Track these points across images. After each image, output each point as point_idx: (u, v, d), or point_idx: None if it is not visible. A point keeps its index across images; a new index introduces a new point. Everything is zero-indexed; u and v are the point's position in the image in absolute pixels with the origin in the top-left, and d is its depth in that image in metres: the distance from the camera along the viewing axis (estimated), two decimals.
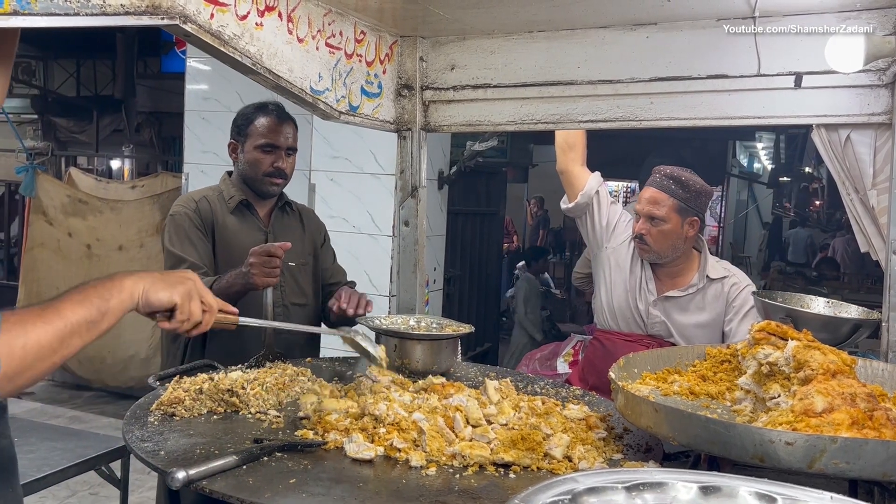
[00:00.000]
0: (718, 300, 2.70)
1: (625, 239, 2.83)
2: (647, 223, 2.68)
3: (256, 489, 1.50)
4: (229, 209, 2.62)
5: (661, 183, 2.70)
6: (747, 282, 2.76)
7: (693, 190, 2.69)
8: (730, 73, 2.30)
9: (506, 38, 2.58)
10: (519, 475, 1.66)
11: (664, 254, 2.71)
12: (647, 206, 2.69)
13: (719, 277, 2.72)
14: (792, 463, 1.42)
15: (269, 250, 2.30)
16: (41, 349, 1.22)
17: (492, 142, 4.99)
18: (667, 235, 2.68)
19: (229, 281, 2.36)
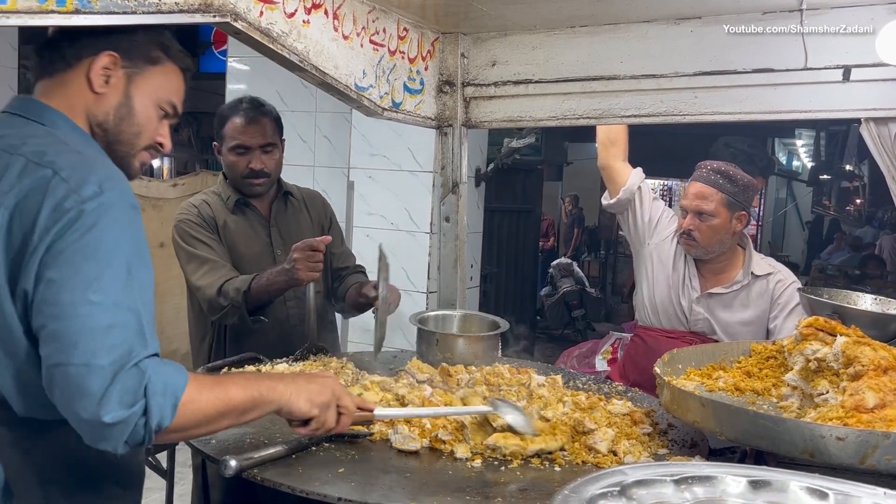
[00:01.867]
0: (763, 297, 2.67)
1: (668, 235, 2.81)
2: (694, 219, 2.65)
3: (306, 477, 1.52)
4: (229, 209, 2.60)
5: (708, 177, 2.67)
6: (793, 278, 2.72)
7: (741, 184, 2.66)
8: (776, 66, 2.27)
9: (548, 34, 2.58)
10: (564, 468, 1.67)
11: (711, 249, 2.68)
12: (694, 202, 2.67)
13: (764, 274, 2.69)
14: (843, 459, 1.41)
15: (312, 244, 2.30)
16: (204, 417, 1.31)
17: (529, 138, 4.99)
18: (715, 230, 2.65)
19: (269, 279, 2.37)
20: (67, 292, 1.20)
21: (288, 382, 1.49)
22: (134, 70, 1.46)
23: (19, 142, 1.32)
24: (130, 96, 1.46)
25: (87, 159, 1.31)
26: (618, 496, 1.26)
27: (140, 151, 1.51)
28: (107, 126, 1.45)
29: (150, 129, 1.50)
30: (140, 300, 1.26)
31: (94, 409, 1.17)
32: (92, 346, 1.18)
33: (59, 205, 1.22)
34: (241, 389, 1.38)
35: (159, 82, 1.49)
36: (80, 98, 1.42)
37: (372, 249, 4.78)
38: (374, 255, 4.76)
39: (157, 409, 1.21)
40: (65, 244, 1.21)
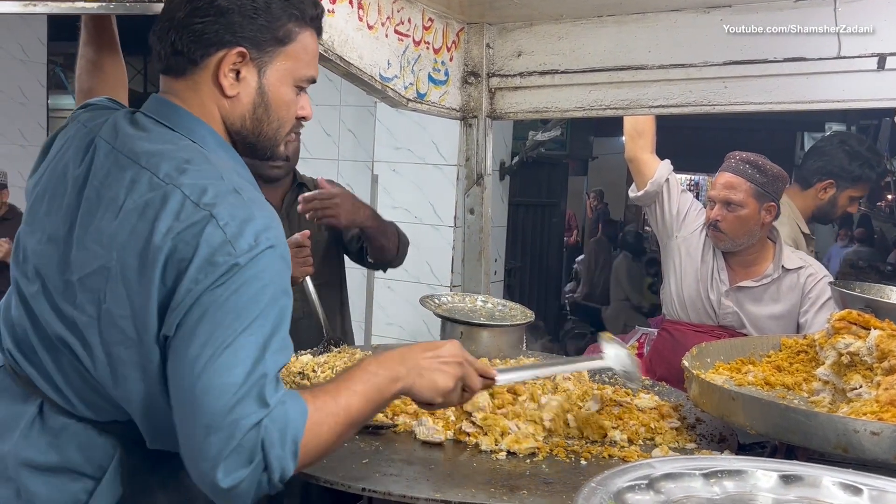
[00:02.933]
0: (794, 291, 2.62)
1: (696, 228, 2.77)
2: (722, 209, 2.61)
3: (330, 468, 1.52)
4: None
5: (737, 167, 2.63)
6: (824, 272, 2.67)
7: (770, 174, 2.61)
8: (808, 55, 2.23)
9: (574, 24, 2.55)
10: (590, 462, 1.65)
11: (740, 241, 2.63)
12: (722, 191, 2.62)
13: (795, 268, 2.64)
14: (878, 454, 1.37)
15: (297, 241, 2.27)
16: (327, 447, 1.24)
17: (555, 131, 4.95)
18: (744, 221, 2.60)
19: None
20: (201, 348, 1.15)
21: (410, 367, 1.35)
22: (263, 59, 1.31)
23: (174, 168, 1.24)
24: (264, 92, 1.33)
25: (245, 203, 1.23)
26: (645, 489, 1.24)
27: (284, 140, 1.42)
28: (245, 132, 1.35)
29: (291, 114, 1.39)
30: (272, 359, 1.18)
31: (212, 474, 1.12)
32: (214, 408, 1.12)
33: (213, 256, 1.17)
34: (360, 398, 1.27)
35: (293, 62, 1.34)
36: (214, 102, 1.32)
37: None
38: None
39: (276, 462, 1.14)
40: (210, 300, 1.16)
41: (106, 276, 1.23)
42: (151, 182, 1.23)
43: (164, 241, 1.18)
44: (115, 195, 1.24)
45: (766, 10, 2.26)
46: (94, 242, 1.24)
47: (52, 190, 1.34)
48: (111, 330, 1.23)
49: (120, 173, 1.25)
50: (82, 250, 1.26)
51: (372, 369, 1.31)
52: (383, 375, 1.31)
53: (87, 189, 1.28)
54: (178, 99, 1.33)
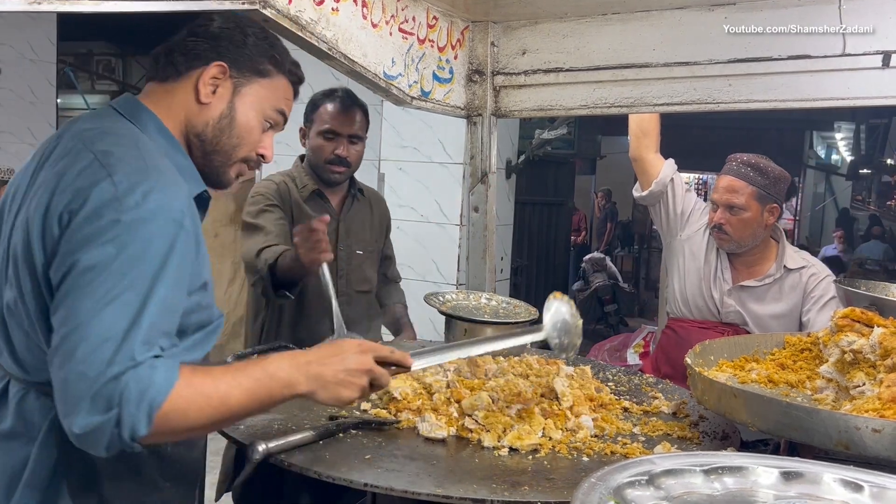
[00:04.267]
0: (796, 291, 2.62)
1: (700, 227, 2.77)
2: (725, 212, 2.61)
3: (333, 463, 1.53)
4: (303, 197, 2.62)
5: (738, 170, 2.63)
6: (827, 272, 2.67)
7: (772, 176, 2.61)
8: (812, 53, 2.22)
9: (578, 22, 2.55)
10: (592, 458, 1.65)
11: (744, 243, 2.64)
12: (725, 195, 2.62)
13: (797, 267, 2.64)
14: (879, 451, 1.37)
15: (309, 226, 2.24)
16: (193, 425, 1.25)
17: (561, 130, 4.95)
18: (747, 224, 2.60)
19: (287, 264, 2.35)
20: (82, 301, 1.19)
21: (312, 377, 1.37)
22: (241, 80, 1.44)
23: (98, 137, 1.32)
24: (234, 107, 1.44)
25: (148, 169, 1.29)
26: (646, 485, 1.24)
27: (237, 163, 1.49)
28: (204, 137, 1.44)
29: (251, 140, 1.47)
30: (150, 319, 1.21)
31: (69, 418, 1.17)
32: (86, 357, 1.16)
33: (99, 210, 1.22)
34: (243, 393, 1.29)
35: (266, 94, 1.47)
36: (183, 107, 1.43)
37: (403, 241, 4.80)
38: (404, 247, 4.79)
39: (128, 419, 1.16)
40: (93, 253, 1.20)
41: (25, 228, 1.29)
42: (75, 149, 1.31)
43: (63, 193, 1.25)
44: (52, 167, 1.32)
45: (771, 8, 2.26)
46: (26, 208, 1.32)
47: (19, 178, 1.41)
48: (26, 282, 1.29)
49: (63, 150, 1.33)
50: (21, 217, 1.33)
51: (270, 370, 1.34)
52: (279, 380, 1.34)
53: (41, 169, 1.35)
54: (147, 98, 1.45)
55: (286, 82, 1.51)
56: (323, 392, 1.38)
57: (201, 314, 1.40)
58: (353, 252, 2.68)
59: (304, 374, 1.36)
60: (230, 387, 1.28)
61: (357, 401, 1.45)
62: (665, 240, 2.92)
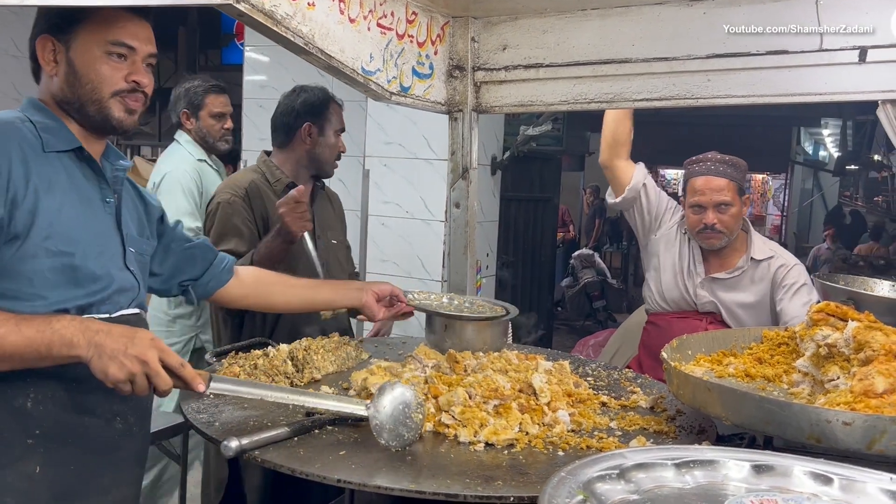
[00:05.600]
0: (764, 281, 2.69)
1: (673, 224, 2.85)
2: (715, 212, 2.66)
3: (307, 459, 1.52)
4: (276, 192, 2.63)
5: (717, 169, 2.70)
6: (795, 261, 2.76)
7: (741, 168, 2.73)
8: (790, 48, 2.23)
9: (558, 17, 2.55)
10: (568, 453, 1.65)
11: (732, 236, 2.71)
12: (713, 195, 2.67)
13: (765, 258, 2.71)
14: (850, 444, 1.38)
15: (293, 196, 2.37)
16: None
17: (545, 126, 4.94)
18: (735, 218, 2.69)
19: (268, 245, 2.41)
20: None
21: (94, 344, 1.39)
22: (67, 38, 1.55)
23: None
24: (71, 62, 1.55)
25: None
26: (616, 479, 1.25)
27: (110, 100, 1.57)
28: (67, 99, 1.57)
29: (103, 75, 1.56)
30: None
31: None
32: None
33: None
34: (20, 338, 1.37)
35: (91, 34, 1.55)
36: (46, 84, 1.60)
37: (387, 238, 4.79)
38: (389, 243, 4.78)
39: None
40: None
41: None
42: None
43: None
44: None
45: (749, 4, 2.26)
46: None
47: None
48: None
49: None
50: None
51: (56, 326, 1.40)
52: (61, 336, 1.39)
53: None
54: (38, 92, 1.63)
55: (108, 13, 1.55)
56: (97, 361, 1.39)
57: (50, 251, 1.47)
58: (329, 241, 2.70)
59: (87, 339, 1.40)
60: (10, 329, 1.36)
61: (123, 388, 1.41)
62: (641, 241, 2.98)
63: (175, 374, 1.46)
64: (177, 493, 2.96)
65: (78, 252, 1.51)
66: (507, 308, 2.45)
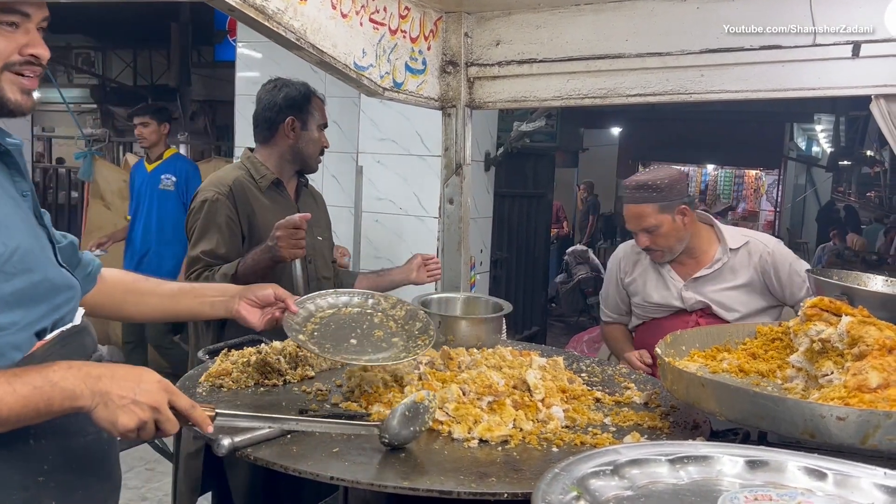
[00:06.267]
0: (748, 265, 2.70)
1: (636, 259, 2.86)
2: (644, 236, 2.70)
3: (300, 457, 1.51)
4: (261, 189, 2.62)
5: (633, 196, 2.69)
6: (769, 239, 2.79)
7: (663, 186, 2.65)
8: (784, 43, 2.23)
9: (552, 12, 2.54)
10: (562, 449, 1.65)
11: (676, 249, 2.72)
12: (635, 223, 2.71)
13: (741, 245, 2.72)
14: (844, 439, 1.38)
15: (294, 222, 2.31)
16: None
17: (539, 122, 4.94)
18: (668, 236, 2.68)
19: (255, 259, 2.38)
20: None
21: (98, 393, 1.28)
22: None
23: None
24: None
25: None
26: (610, 475, 1.24)
27: (2, 76, 1.34)
28: None
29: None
30: None
31: None
32: None
33: None
34: (16, 399, 1.21)
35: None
36: None
37: (381, 234, 4.77)
38: (382, 239, 4.76)
39: None
40: None
41: None
42: None
43: None
44: None
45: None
46: None
47: None
48: None
49: None
50: None
51: (54, 378, 1.25)
52: (61, 389, 1.25)
53: None
54: None
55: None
56: (103, 410, 1.28)
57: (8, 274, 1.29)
58: (316, 238, 2.69)
59: (91, 388, 1.27)
60: (3, 393, 1.20)
61: (133, 435, 1.31)
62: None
63: (183, 416, 1.38)
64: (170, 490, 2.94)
65: (36, 265, 1.36)
66: (503, 305, 2.45)
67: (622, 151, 15.87)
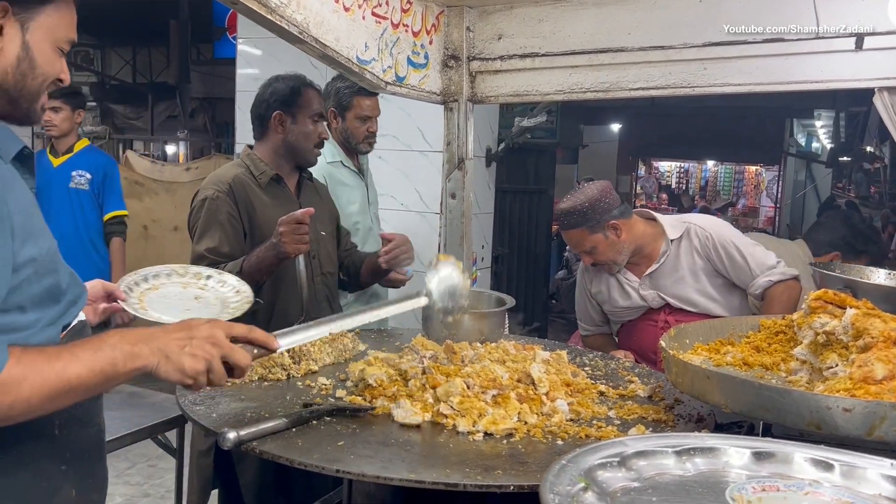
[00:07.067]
0: (692, 252, 2.71)
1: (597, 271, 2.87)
2: (586, 257, 2.76)
3: (305, 450, 1.52)
4: (261, 185, 2.62)
5: (563, 223, 2.73)
6: (711, 221, 2.81)
7: (586, 206, 2.65)
8: (787, 36, 2.23)
9: (554, 6, 2.54)
10: (567, 442, 1.65)
11: (620, 260, 2.74)
12: (573, 247, 2.81)
13: (681, 234, 2.73)
14: (850, 430, 1.38)
15: (297, 218, 2.31)
16: (29, 401, 1.21)
17: (540, 117, 4.93)
18: (606, 252, 2.70)
19: (259, 256, 2.37)
20: None
21: (156, 348, 1.31)
22: (26, 16, 1.34)
23: None
24: (29, 47, 1.35)
25: None
26: (617, 467, 1.24)
27: (41, 96, 1.41)
28: (7, 86, 1.35)
29: (52, 73, 1.40)
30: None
31: None
32: None
33: None
34: (83, 366, 1.24)
35: (55, 22, 1.38)
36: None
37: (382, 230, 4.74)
38: None
39: None
40: None
41: None
42: None
43: None
44: None
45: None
46: None
47: None
48: None
49: None
50: None
51: (112, 342, 1.29)
52: (122, 350, 1.28)
53: None
54: None
55: (70, 4, 1.41)
56: (167, 364, 1.31)
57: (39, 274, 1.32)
58: (319, 233, 2.69)
59: (148, 346, 1.30)
60: (67, 361, 1.24)
61: (200, 380, 1.34)
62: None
63: (247, 342, 1.40)
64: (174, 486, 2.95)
65: (58, 264, 1.39)
66: (506, 300, 2.45)
67: (622, 147, 15.86)
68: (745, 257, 2.63)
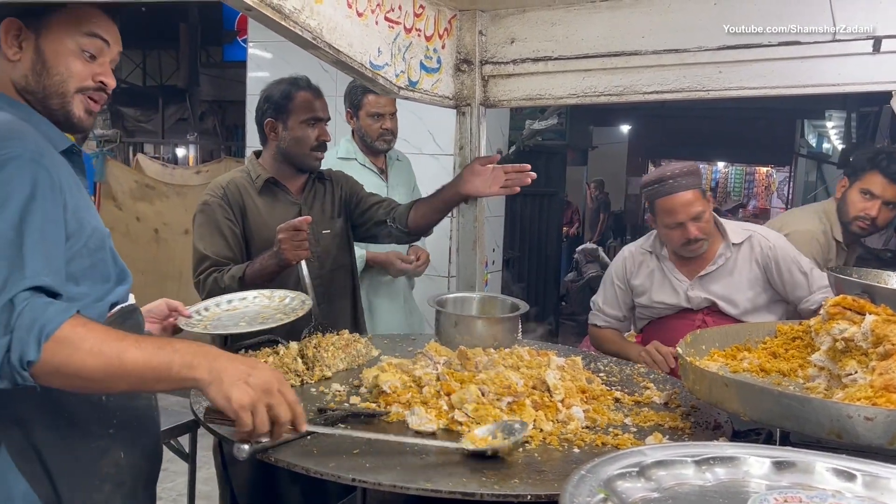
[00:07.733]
0: (751, 260, 2.68)
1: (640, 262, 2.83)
2: (694, 225, 2.62)
3: (320, 458, 1.51)
4: (257, 189, 2.61)
5: (680, 184, 2.62)
6: (772, 232, 2.77)
7: (696, 172, 2.67)
8: (803, 39, 2.21)
9: (567, 10, 2.53)
10: (583, 450, 1.64)
11: (710, 238, 2.69)
12: (687, 210, 2.60)
13: (743, 240, 2.70)
14: (872, 439, 1.36)
15: (294, 225, 2.31)
16: (81, 368, 1.26)
17: (551, 120, 4.92)
18: (710, 221, 2.67)
19: (262, 263, 2.38)
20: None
21: (214, 368, 1.34)
22: (38, 24, 1.48)
23: None
24: (41, 51, 1.49)
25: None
26: (636, 477, 1.23)
27: (74, 96, 1.52)
28: (31, 89, 1.50)
29: (74, 71, 1.51)
30: (30, 238, 1.29)
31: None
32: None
33: None
34: (141, 356, 1.30)
35: (67, 25, 1.50)
36: (5, 72, 1.51)
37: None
38: None
39: (18, 343, 1.21)
40: None
41: None
42: None
43: None
44: None
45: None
46: None
47: None
48: None
49: None
50: None
51: (177, 346, 1.34)
52: (182, 355, 1.33)
53: None
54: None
55: (82, 9, 1.52)
56: (218, 386, 1.34)
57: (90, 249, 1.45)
58: (320, 232, 2.67)
59: (208, 364, 1.34)
60: (130, 344, 1.30)
61: (244, 417, 1.35)
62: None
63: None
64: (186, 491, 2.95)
65: (106, 246, 1.52)
66: (519, 305, 2.43)
67: (631, 149, 15.81)
68: (805, 273, 2.62)
